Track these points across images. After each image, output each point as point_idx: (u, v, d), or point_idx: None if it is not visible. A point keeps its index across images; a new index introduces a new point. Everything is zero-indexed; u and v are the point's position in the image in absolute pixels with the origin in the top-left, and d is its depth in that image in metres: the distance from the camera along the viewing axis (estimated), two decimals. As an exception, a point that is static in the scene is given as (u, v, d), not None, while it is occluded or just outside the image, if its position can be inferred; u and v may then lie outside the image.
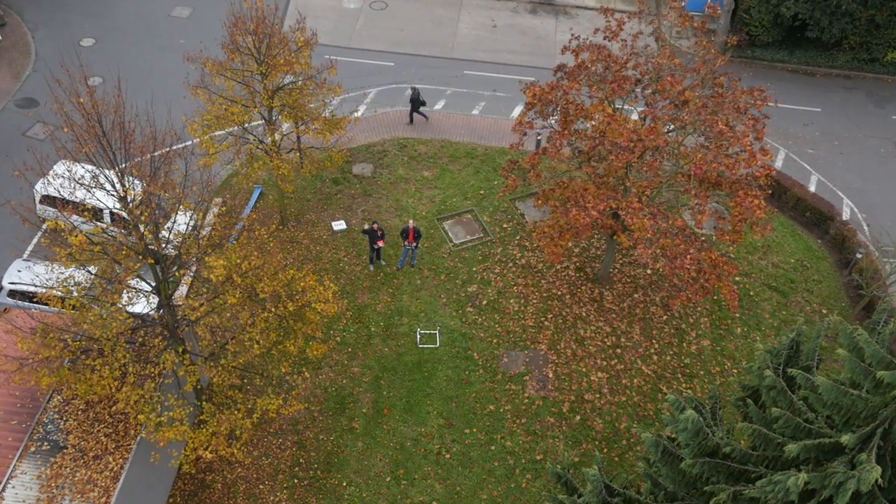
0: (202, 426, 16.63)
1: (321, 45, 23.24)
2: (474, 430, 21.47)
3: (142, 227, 14.67)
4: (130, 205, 14.89)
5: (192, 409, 16.53)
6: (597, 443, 21.37)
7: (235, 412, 16.77)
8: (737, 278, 25.32)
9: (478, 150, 29.78)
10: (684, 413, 12.89)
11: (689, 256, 18.39)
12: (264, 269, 16.75)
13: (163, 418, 15.99)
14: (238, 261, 15.83)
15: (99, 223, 15.84)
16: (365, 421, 21.54)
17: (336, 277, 24.81)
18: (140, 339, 16.34)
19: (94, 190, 15.11)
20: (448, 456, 20.91)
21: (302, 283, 17.45)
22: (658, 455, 14.18)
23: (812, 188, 29.02)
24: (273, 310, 16.86)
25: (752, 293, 25.42)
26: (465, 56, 34.43)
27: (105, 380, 16.00)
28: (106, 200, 15.96)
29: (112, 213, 21.33)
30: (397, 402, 21.97)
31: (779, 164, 29.93)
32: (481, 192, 28.09)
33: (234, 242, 18.44)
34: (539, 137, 28.52)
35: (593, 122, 20.53)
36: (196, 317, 15.38)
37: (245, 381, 20.39)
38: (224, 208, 25.36)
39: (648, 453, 15.10)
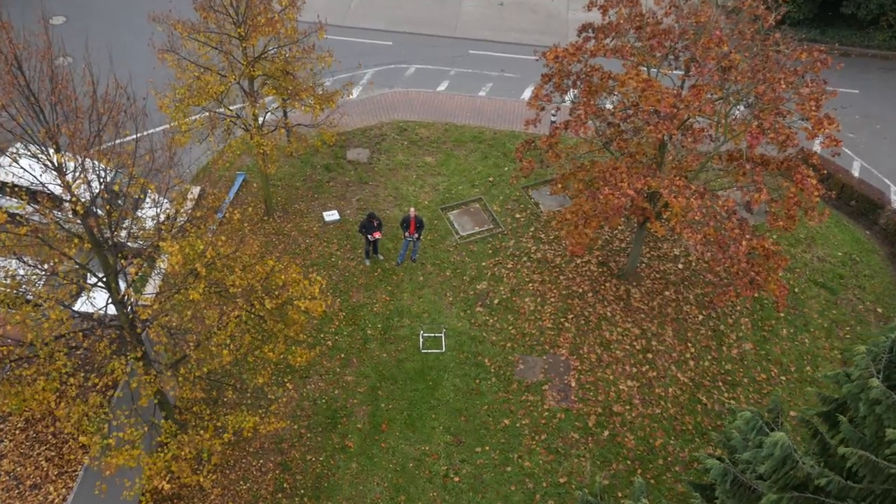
0: (161, 449, 13.67)
1: (313, 23, 20.30)
2: (487, 448, 18.53)
3: (77, 200, 11.74)
4: (67, 176, 11.99)
5: (147, 428, 13.58)
6: (629, 462, 18.42)
7: (202, 432, 13.82)
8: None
9: (485, 133, 26.91)
10: (772, 436, 9.95)
11: (744, 243, 15.50)
12: (236, 259, 13.83)
13: (110, 440, 13.04)
14: (202, 247, 12.90)
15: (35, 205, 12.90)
16: (360, 438, 18.58)
17: (328, 273, 21.87)
18: (85, 344, 13.39)
19: (22, 159, 12.20)
20: (457, 479, 17.95)
21: (283, 277, 14.52)
22: (726, 487, 11.25)
23: (856, 175, 26.15)
24: (247, 308, 13.94)
25: (797, 290, 22.52)
26: (470, 35, 31.60)
27: (41, 393, 13.08)
28: (43, 176, 13.03)
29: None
30: (397, 416, 19.02)
31: (816, 149, 27.05)
32: (490, 179, 25.20)
33: (212, 234, 15.49)
34: (554, 118, 25.69)
35: (624, 90, 17.67)
36: (147, 315, 12.46)
37: (215, 394, 17.42)
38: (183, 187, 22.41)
39: (713, 482, 12.20)
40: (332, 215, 23.53)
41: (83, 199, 12.04)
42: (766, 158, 18.43)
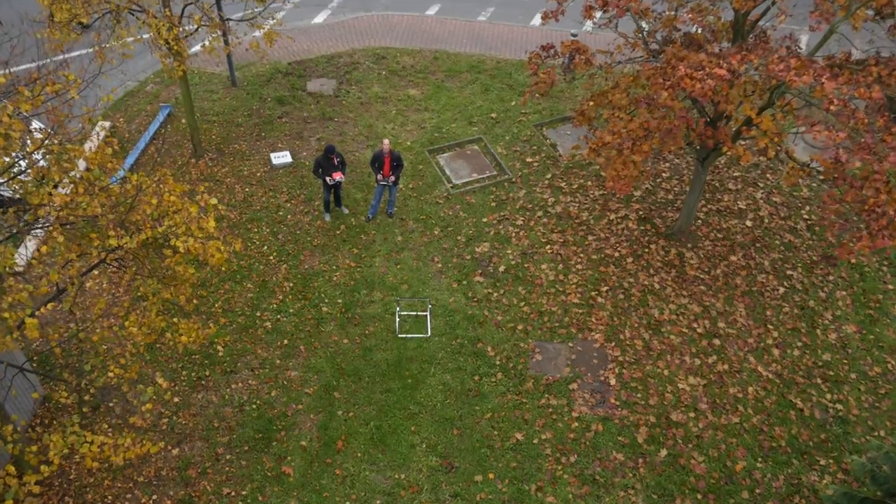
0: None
1: None
2: (490, 475, 12.64)
3: None
4: None
5: None
6: (699, 496, 12.56)
7: (-2, 462, 7.95)
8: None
9: (486, 62, 21.08)
10: None
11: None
12: (61, 164, 7.97)
13: None
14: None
15: None
16: (304, 462, 12.69)
17: (272, 231, 16.01)
18: None
19: None
20: (446, 522, 12.08)
21: (154, 201, 8.64)
22: None
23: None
24: (84, 247, 8.09)
25: (905, 255, 16.71)
26: (467, -45, 25.83)
27: None
28: None
29: None
30: (361, 429, 13.13)
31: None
32: (493, 115, 19.36)
33: (116, 183, 9.58)
34: (574, 34, 19.93)
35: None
36: None
37: (36, 395, 11.43)
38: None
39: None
40: (282, 157, 17.67)
41: None
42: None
